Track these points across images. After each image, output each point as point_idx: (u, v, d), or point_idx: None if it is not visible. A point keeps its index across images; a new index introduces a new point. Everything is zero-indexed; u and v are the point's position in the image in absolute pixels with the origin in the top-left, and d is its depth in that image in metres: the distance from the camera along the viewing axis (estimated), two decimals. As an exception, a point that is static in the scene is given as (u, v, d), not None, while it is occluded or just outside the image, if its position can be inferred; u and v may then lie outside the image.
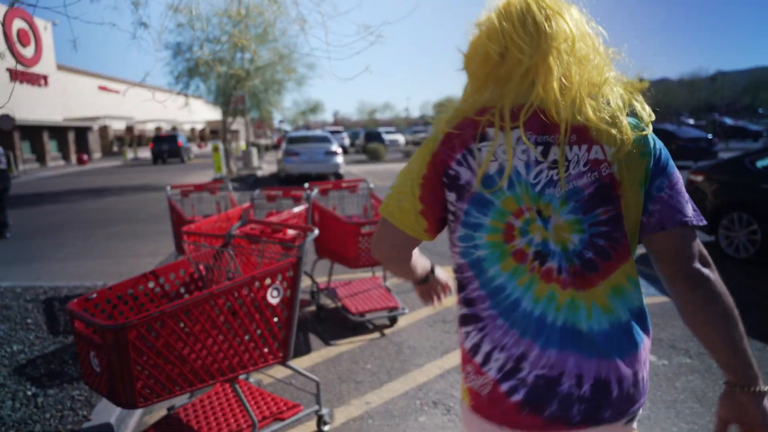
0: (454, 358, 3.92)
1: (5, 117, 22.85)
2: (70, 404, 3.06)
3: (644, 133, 1.22)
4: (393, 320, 4.53)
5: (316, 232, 2.69)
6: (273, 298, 2.55)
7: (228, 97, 21.04)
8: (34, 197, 15.59)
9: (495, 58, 1.21)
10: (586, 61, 1.18)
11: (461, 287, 1.29)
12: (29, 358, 3.68)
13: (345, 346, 4.17)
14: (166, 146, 32.33)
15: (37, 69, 32.52)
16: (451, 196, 1.24)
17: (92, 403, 3.07)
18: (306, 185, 4.73)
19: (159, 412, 3.25)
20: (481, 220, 1.21)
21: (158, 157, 32.49)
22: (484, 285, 1.23)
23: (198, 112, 54.72)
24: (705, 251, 1.24)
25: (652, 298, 5.08)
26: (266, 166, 25.87)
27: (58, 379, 3.38)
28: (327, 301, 4.98)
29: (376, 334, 4.38)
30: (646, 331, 1.24)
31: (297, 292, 2.65)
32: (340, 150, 17.35)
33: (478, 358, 1.23)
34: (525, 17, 1.19)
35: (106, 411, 2.97)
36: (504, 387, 1.19)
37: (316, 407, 2.94)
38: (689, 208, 1.23)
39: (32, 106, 30.89)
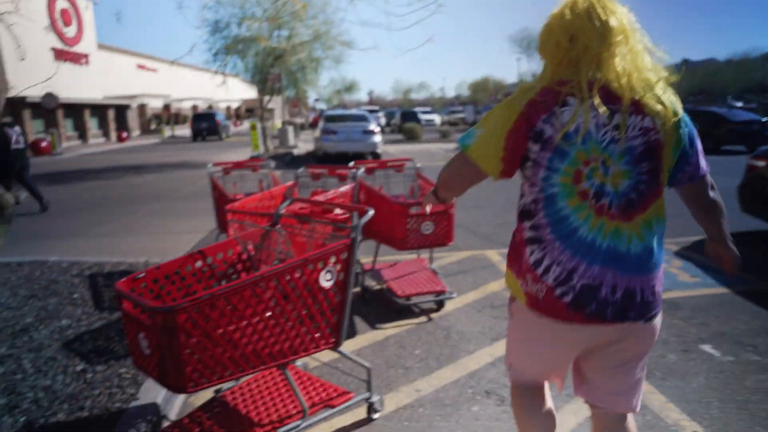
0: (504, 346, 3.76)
1: (49, 95, 23.39)
2: (118, 382, 3.03)
3: (680, 114, 1.66)
4: (440, 304, 4.38)
5: (371, 212, 2.54)
6: (326, 281, 2.43)
7: (265, 75, 20.99)
8: (77, 174, 15.92)
9: (565, 45, 1.61)
10: (636, 50, 1.60)
11: (530, 215, 1.69)
12: (77, 333, 3.67)
13: (391, 329, 4.05)
14: (204, 124, 32.78)
15: (78, 48, 33.14)
16: (535, 147, 1.62)
17: (138, 381, 3.02)
18: (351, 164, 4.58)
19: (205, 393, 3.19)
20: (558, 166, 1.60)
21: (197, 135, 32.98)
22: (551, 215, 1.63)
23: (234, 91, 55.19)
24: (711, 179, 1.84)
25: (710, 289, 4.80)
26: (302, 144, 25.87)
27: (105, 355, 3.35)
28: (371, 283, 4.86)
29: (423, 318, 4.24)
30: (662, 256, 1.72)
31: (351, 276, 2.52)
32: (378, 129, 17.18)
33: (539, 270, 1.66)
34: (591, 13, 1.58)
35: (153, 390, 2.92)
36: (557, 291, 1.64)
37: (366, 394, 2.83)
38: (705, 162, 1.79)
39: (74, 85, 31.54)
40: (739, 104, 45.31)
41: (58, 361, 3.24)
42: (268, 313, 2.25)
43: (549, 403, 2.02)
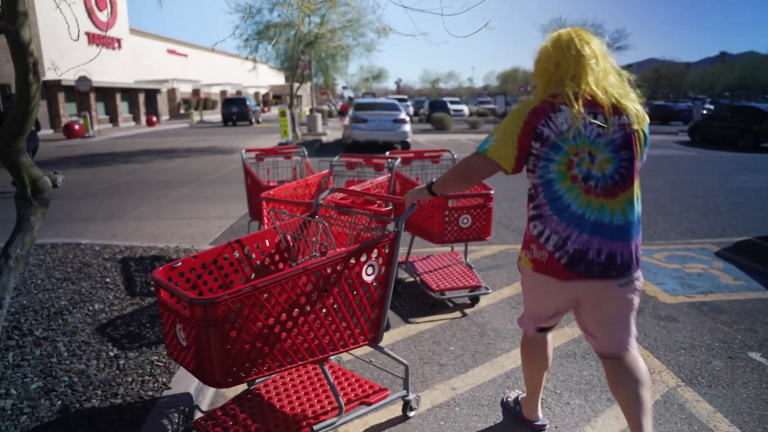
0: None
1: (84, 79, 23.72)
2: (150, 369, 3.00)
3: (647, 120, 2.17)
4: (474, 300, 4.28)
5: (415, 206, 2.45)
6: (368, 275, 2.35)
7: (295, 62, 20.95)
8: (109, 156, 16.13)
9: (551, 70, 2.14)
10: (606, 69, 2.12)
11: (533, 198, 2.18)
12: (109, 317, 3.67)
13: (425, 324, 3.96)
14: (235, 109, 33.26)
15: (111, 32, 33.54)
16: (536, 144, 2.09)
17: (171, 370, 3.00)
18: (387, 153, 4.48)
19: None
20: (554, 157, 2.07)
21: (228, 119, 33.47)
22: (549, 196, 2.11)
23: (263, 77, 55.38)
24: None
25: (756, 293, 4.61)
26: (330, 132, 25.84)
27: (137, 342, 3.34)
28: (404, 275, 4.77)
29: (457, 314, 4.14)
30: (639, 228, 2.15)
31: (393, 271, 2.44)
32: (408, 118, 17.02)
33: (542, 240, 2.14)
34: (570, 45, 2.10)
35: (186, 380, 2.88)
36: (556, 255, 2.11)
37: (403, 392, 2.75)
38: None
39: (106, 69, 31.98)
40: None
41: (92, 346, 3.23)
42: (308, 308, 2.18)
43: (549, 351, 2.59)
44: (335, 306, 2.28)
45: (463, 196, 3.96)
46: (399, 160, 4.24)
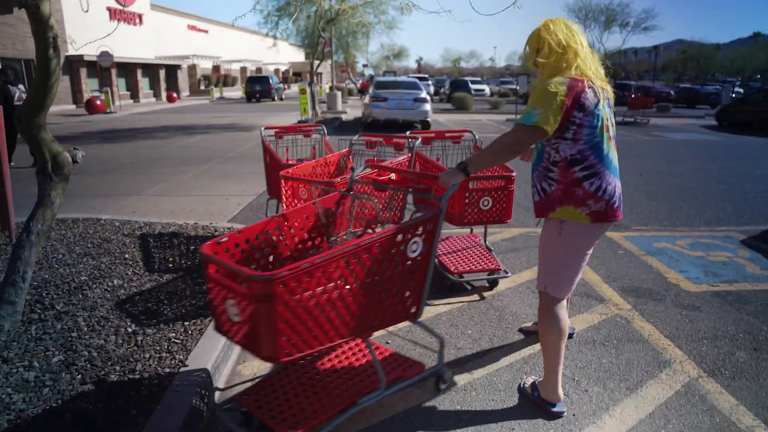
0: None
1: (105, 54, 23.84)
2: (167, 346, 3.02)
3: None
4: (493, 283, 4.23)
5: (456, 185, 2.51)
6: (412, 252, 2.37)
7: (316, 39, 20.77)
8: (129, 132, 16.25)
9: (559, 51, 2.52)
10: (592, 56, 2.61)
11: (579, 162, 2.50)
12: (128, 293, 3.70)
13: (443, 306, 3.93)
14: (258, 87, 34.29)
15: (133, 8, 33.55)
16: (579, 114, 2.44)
17: (188, 347, 3.01)
18: (408, 133, 4.41)
19: (253, 361, 3.17)
20: (596, 124, 2.48)
21: (251, 96, 34.55)
22: (598, 156, 2.51)
23: (283, 54, 55.14)
24: None
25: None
26: (350, 110, 25.71)
27: (155, 318, 3.36)
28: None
29: (475, 297, 4.11)
30: None
31: (435, 247, 2.47)
32: (428, 97, 16.85)
33: (599, 193, 2.51)
34: (572, 31, 2.57)
35: (202, 357, 2.90)
36: (611, 201, 2.54)
37: (437, 366, 2.83)
38: None
39: (127, 45, 32.07)
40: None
41: (111, 321, 3.26)
42: (359, 284, 2.22)
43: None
44: (382, 283, 2.30)
45: (485, 177, 3.90)
46: (419, 140, 4.18)
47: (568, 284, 2.67)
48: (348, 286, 2.18)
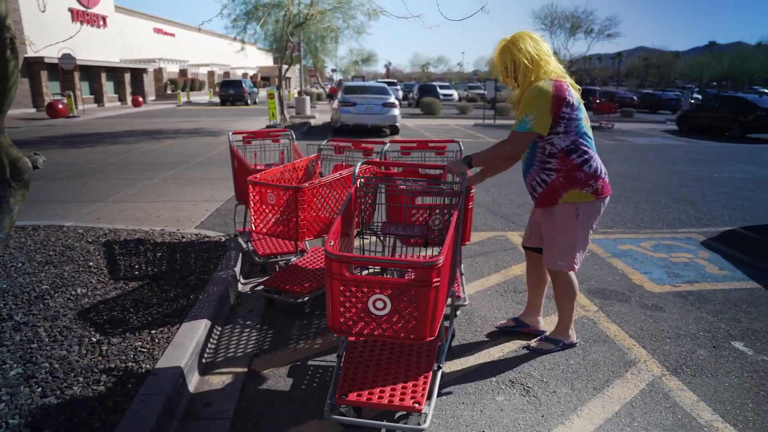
0: (528, 335, 3.65)
1: (67, 56, 23.23)
2: (134, 355, 2.95)
3: None
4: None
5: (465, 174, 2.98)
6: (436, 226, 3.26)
7: (284, 44, 20.65)
8: (94, 137, 15.87)
9: (537, 59, 2.96)
10: (555, 57, 3.05)
11: (575, 150, 2.94)
12: (92, 302, 3.61)
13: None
14: (232, 90, 35.30)
15: (96, 9, 32.83)
16: (567, 110, 2.88)
17: (155, 356, 2.95)
18: (388, 141, 4.41)
19: (221, 370, 3.12)
20: (581, 116, 2.94)
21: (225, 100, 35.39)
22: (587, 143, 2.97)
23: (251, 58, 54.64)
24: None
25: (740, 282, 4.65)
26: (318, 115, 25.62)
27: (121, 327, 3.28)
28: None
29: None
30: None
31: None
32: (397, 102, 16.91)
33: (597, 173, 2.97)
34: (539, 41, 3.00)
35: (170, 366, 2.84)
36: (605, 178, 3.03)
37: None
38: None
39: (91, 47, 31.35)
40: (766, 90, 44.10)
41: (74, 331, 3.17)
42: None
43: None
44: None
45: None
46: (388, 144, 4.17)
47: (582, 256, 3.16)
48: (448, 269, 2.59)
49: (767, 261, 5.23)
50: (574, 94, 2.92)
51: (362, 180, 3.25)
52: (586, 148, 2.96)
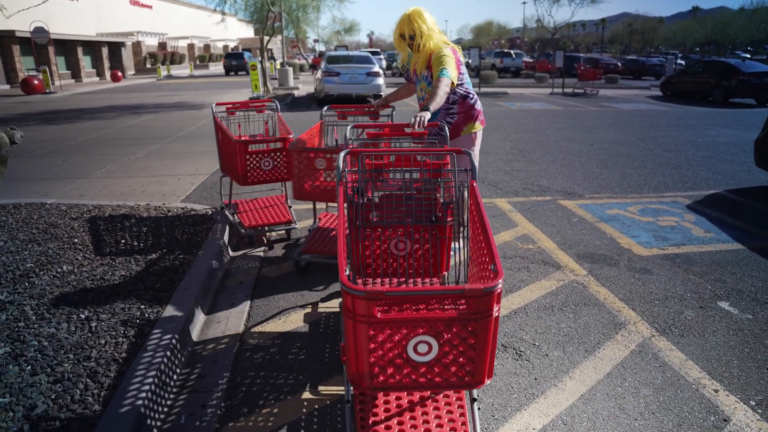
0: (520, 298, 3.67)
1: (40, 30, 22.56)
2: (124, 330, 2.92)
3: None
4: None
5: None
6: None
7: (265, 14, 20.19)
8: (73, 113, 15.52)
9: (434, 29, 3.77)
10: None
11: (467, 96, 3.88)
12: (78, 279, 3.55)
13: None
14: (234, 62, 39.65)
15: (68, -20, 31.82)
16: (462, 68, 3.80)
17: (144, 331, 2.92)
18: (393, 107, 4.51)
19: (212, 339, 3.11)
20: (464, 70, 3.86)
21: (229, 71, 40.13)
22: (472, 90, 3.92)
23: (231, 30, 53.51)
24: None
25: (725, 244, 4.70)
26: (302, 86, 25.25)
27: (109, 303, 3.24)
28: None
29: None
30: None
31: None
32: (381, 71, 16.70)
33: (480, 109, 3.97)
34: (430, 17, 3.78)
35: (161, 340, 2.82)
36: (482, 111, 4.00)
37: None
38: None
39: (65, 20, 30.46)
40: (747, 55, 44.25)
41: (62, 309, 3.13)
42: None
43: None
44: None
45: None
46: (395, 109, 4.26)
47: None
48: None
49: (751, 222, 5.30)
50: (461, 58, 3.80)
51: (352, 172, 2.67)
52: (472, 93, 3.88)
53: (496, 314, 1.69)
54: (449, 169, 2.79)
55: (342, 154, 2.48)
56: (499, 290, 1.65)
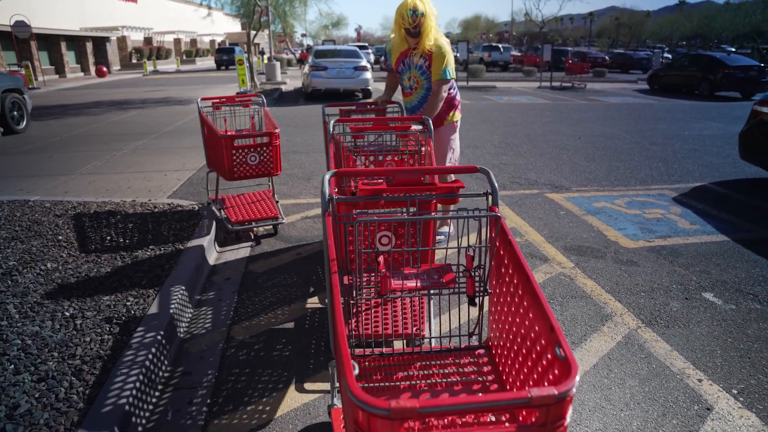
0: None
1: (21, 23, 22.22)
2: (109, 328, 2.90)
3: None
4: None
5: None
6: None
7: (251, 8, 20.03)
8: (57, 109, 15.33)
9: (434, 17, 3.83)
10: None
11: (452, 88, 4.14)
12: (63, 276, 3.52)
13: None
14: (225, 56, 39.63)
15: (51, -26, 31.37)
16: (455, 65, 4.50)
17: (130, 328, 2.90)
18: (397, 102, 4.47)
19: (200, 339, 3.09)
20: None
21: (221, 65, 40.18)
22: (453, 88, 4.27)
23: (218, 24, 53.08)
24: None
25: (710, 236, 4.75)
26: (290, 81, 25.11)
27: (94, 300, 3.21)
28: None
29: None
30: None
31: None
32: (369, 66, 16.64)
33: (460, 99, 4.26)
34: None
35: (146, 338, 2.80)
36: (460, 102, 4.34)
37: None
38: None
39: (48, 14, 30.04)
40: (732, 49, 44.64)
41: (46, 307, 3.09)
42: None
43: None
44: None
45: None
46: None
47: (458, 155, 4.35)
48: None
49: (736, 214, 5.35)
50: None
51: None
52: (454, 84, 4.05)
53: (567, 422, 1.14)
54: (461, 193, 1.97)
55: (327, 176, 1.84)
56: (573, 393, 1.11)
